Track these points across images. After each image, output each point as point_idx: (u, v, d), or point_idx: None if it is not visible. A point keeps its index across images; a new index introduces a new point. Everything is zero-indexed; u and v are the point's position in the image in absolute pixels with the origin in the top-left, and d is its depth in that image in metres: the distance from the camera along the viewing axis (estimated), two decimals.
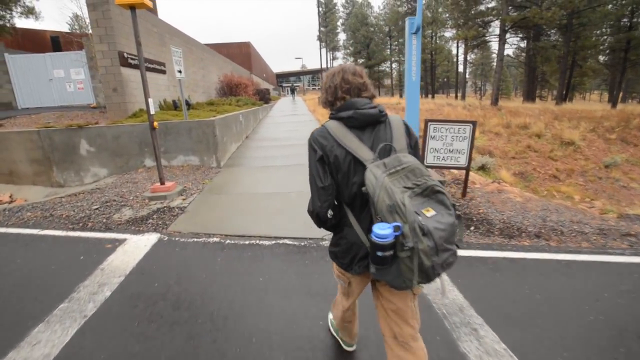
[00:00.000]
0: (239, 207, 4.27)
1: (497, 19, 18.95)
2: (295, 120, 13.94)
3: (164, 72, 11.76)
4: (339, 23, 59.36)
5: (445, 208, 1.13)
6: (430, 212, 1.09)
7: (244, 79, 18.73)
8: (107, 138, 6.12)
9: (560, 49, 21.09)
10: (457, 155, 4.63)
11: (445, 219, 1.10)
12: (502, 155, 8.02)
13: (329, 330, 2.03)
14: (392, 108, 16.92)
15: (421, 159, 1.40)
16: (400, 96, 56.51)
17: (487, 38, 21.57)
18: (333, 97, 1.34)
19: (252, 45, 39.39)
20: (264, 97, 20.37)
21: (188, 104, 11.61)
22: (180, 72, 6.42)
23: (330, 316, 2.03)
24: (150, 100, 4.45)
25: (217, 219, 3.90)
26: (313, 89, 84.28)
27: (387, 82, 54.19)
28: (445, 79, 61.80)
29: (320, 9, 58.19)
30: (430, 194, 1.13)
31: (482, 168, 7.10)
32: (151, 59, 11.05)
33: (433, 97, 37.46)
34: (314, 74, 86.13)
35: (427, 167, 4.77)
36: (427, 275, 1.09)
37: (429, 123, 4.51)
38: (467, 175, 4.70)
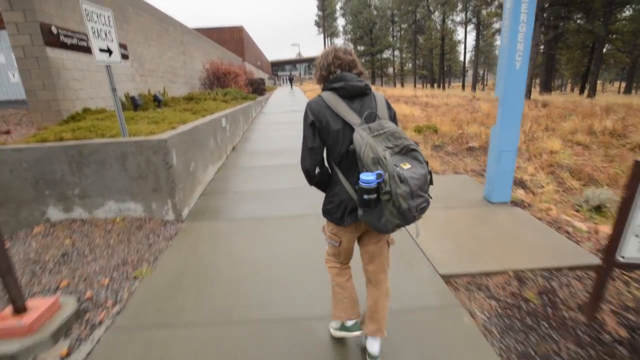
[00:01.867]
0: None
1: None
2: (299, 119, 11.19)
3: (125, 56, 8.92)
4: (337, 7, 55.81)
5: (419, 162, 1.38)
6: (406, 166, 1.33)
7: (235, 67, 15.84)
8: None
9: (598, 32, 18.39)
10: None
11: (419, 171, 1.35)
12: (610, 182, 5.42)
13: (330, 334, 2.01)
14: (411, 102, 14.20)
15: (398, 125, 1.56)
16: (402, 85, 53.52)
17: None
18: (327, 72, 1.57)
19: (245, 30, 36.07)
20: (258, 88, 17.51)
21: (158, 100, 8.81)
22: (107, 51, 3.69)
23: (332, 324, 2.01)
24: None
25: None
26: (310, 78, 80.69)
27: (390, 70, 51.10)
28: (446, 68, 58.82)
29: None
30: (407, 152, 1.38)
31: (599, 209, 4.50)
32: None
33: (444, 88, 34.65)
34: (311, 62, 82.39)
35: (626, 265, 2.17)
36: (405, 217, 1.32)
37: None
38: None
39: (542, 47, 25.07)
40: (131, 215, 3.60)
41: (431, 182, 1.42)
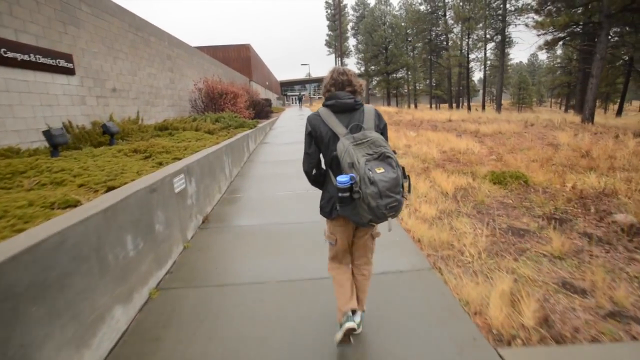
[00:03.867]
0: None
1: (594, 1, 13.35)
2: None
3: (68, 70, 6.29)
4: (348, 27, 54.33)
5: (391, 167, 1.60)
6: (380, 170, 1.57)
7: (234, 87, 13.28)
8: None
9: None
10: None
11: (390, 175, 1.57)
12: None
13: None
14: (452, 129, 11.28)
15: (387, 137, 1.87)
16: (415, 106, 51.00)
17: (576, 29, 15.98)
18: (325, 90, 1.90)
19: (253, 48, 34.22)
20: (262, 111, 14.88)
21: (110, 132, 6.09)
22: None
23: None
24: None
25: None
26: (319, 97, 78.83)
27: (404, 90, 48.70)
28: (461, 87, 56.10)
29: (329, 10, 53.38)
30: (383, 158, 1.61)
31: None
32: (32, 45, 5.62)
33: (469, 108, 31.84)
34: (320, 82, 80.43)
35: None
36: (375, 214, 1.57)
37: None
38: None
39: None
40: None
41: (409, 190, 1.75)
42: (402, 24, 37.40)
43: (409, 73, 42.10)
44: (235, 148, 6.65)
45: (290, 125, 16.10)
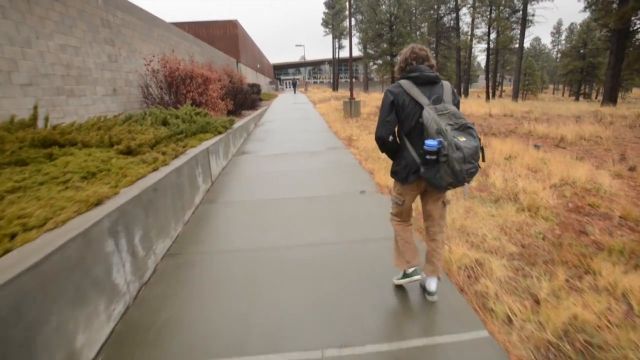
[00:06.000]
0: None
1: None
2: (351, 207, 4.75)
3: None
4: (347, 4, 49.90)
5: (472, 137, 1.78)
6: (462, 139, 1.74)
7: (206, 69, 9.78)
8: None
9: None
10: None
11: (472, 143, 1.75)
12: None
13: (393, 285, 2.38)
14: (509, 132, 8.05)
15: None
16: None
17: None
18: (405, 64, 2.01)
19: (241, 25, 30.17)
20: (247, 101, 11.42)
21: None
22: None
23: (394, 277, 2.41)
24: None
25: None
26: (315, 82, 74.45)
27: None
28: (462, 73, 52.23)
29: None
30: (464, 128, 1.79)
31: None
32: None
33: (490, 96, 28.43)
34: (316, 65, 76.05)
35: None
36: (457, 177, 1.74)
37: None
38: None
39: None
40: None
41: (483, 159, 1.84)
42: (407, 1, 33.39)
43: None
44: (166, 193, 3.33)
45: (283, 121, 12.59)
